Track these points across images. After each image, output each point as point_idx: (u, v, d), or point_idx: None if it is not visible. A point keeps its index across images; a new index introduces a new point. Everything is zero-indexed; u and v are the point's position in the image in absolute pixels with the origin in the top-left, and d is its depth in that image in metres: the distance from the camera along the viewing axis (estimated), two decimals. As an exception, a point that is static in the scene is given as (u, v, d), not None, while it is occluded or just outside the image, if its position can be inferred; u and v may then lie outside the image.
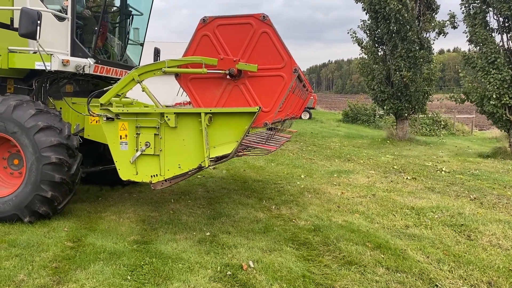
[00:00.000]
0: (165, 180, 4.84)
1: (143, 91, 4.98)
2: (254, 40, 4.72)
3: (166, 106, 5.41)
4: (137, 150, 4.80)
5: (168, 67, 4.87)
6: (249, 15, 4.74)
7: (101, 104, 4.91)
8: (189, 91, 5.00)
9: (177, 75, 5.03)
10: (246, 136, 4.87)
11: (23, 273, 4.01)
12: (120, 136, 4.86)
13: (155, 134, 4.75)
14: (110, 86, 5.05)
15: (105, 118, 4.87)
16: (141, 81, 4.91)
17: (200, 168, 4.68)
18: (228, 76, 4.79)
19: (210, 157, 4.57)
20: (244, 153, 5.91)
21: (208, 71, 4.74)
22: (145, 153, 4.78)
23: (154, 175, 4.80)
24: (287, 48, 4.68)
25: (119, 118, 4.85)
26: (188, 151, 4.66)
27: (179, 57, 4.97)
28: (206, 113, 4.51)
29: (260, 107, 4.46)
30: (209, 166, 4.63)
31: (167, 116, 4.65)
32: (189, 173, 4.83)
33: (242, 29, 4.76)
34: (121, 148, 4.87)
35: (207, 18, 4.87)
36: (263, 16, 4.66)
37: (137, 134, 4.81)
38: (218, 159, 4.80)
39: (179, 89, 5.28)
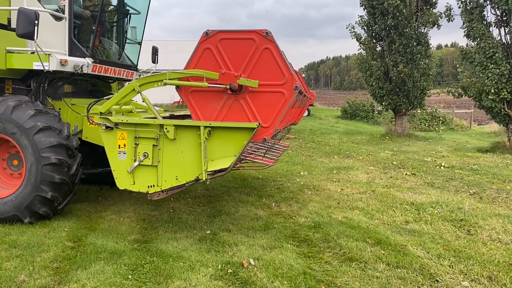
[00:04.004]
0: (162, 191, 4.82)
1: (143, 101, 4.98)
2: (256, 55, 4.68)
3: (165, 107, 5.39)
4: (135, 160, 4.78)
5: (169, 79, 4.85)
6: (252, 30, 4.70)
7: (101, 113, 4.89)
8: (189, 103, 4.98)
9: (178, 87, 5.01)
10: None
11: (24, 274, 4.01)
12: (119, 145, 4.84)
13: (153, 145, 4.73)
14: (111, 95, 5.03)
15: (104, 127, 4.86)
16: (142, 92, 4.89)
17: (197, 180, 4.67)
18: (229, 91, 4.77)
19: (208, 170, 4.56)
20: (242, 165, 5.88)
21: (209, 85, 4.72)
22: (143, 164, 4.75)
23: (151, 186, 4.78)
24: (288, 65, 4.64)
25: (118, 128, 4.84)
26: (186, 163, 4.64)
27: (181, 70, 4.94)
28: (205, 127, 4.50)
29: (259, 123, 4.43)
30: (206, 179, 4.62)
31: (166, 128, 4.63)
32: (186, 185, 4.82)
33: (245, 44, 4.71)
34: (119, 157, 4.84)
35: (210, 32, 4.83)
36: (266, 32, 4.63)
37: (135, 144, 4.78)
38: (216, 173, 4.78)
39: None
